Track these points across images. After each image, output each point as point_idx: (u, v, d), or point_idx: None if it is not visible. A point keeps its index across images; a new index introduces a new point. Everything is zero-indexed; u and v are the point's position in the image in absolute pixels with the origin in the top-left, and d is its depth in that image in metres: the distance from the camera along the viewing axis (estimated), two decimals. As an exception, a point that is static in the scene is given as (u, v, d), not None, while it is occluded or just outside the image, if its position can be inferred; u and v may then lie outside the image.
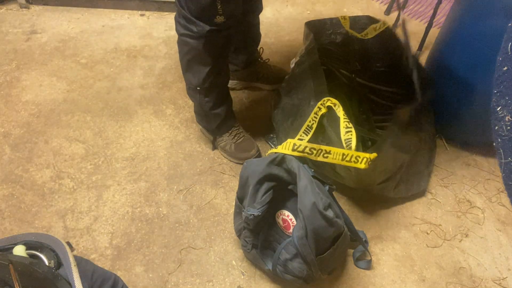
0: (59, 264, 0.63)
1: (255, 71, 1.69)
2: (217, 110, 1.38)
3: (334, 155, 1.09)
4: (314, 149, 1.11)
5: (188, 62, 1.24)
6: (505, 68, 0.49)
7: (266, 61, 1.71)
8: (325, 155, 1.11)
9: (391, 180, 1.28)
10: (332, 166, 1.19)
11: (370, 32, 1.43)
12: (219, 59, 1.24)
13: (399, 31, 1.35)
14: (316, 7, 2.15)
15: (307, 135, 1.18)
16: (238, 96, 1.70)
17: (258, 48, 1.68)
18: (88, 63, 1.80)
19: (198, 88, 1.29)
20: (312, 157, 1.12)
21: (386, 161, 1.20)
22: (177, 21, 1.17)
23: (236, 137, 1.46)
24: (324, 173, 1.26)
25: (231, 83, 1.66)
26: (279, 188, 1.05)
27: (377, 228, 1.31)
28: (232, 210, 1.31)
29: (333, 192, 1.12)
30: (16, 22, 2.00)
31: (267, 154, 1.13)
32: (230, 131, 1.46)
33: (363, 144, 1.37)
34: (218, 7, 1.08)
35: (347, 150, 1.06)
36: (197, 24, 1.12)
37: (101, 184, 1.37)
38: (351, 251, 1.25)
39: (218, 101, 1.36)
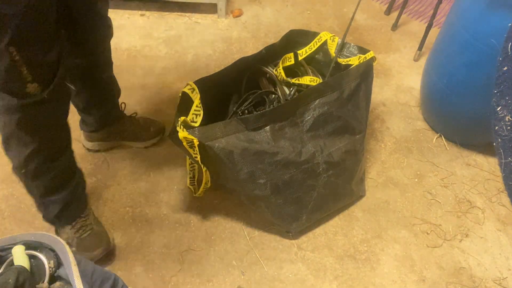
0: (59, 264, 0.63)
1: (118, 130, 1.40)
2: (52, 197, 1.06)
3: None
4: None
5: (6, 139, 0.95)
6: (505, 68, 0.49)
7: (134, 115, 1.45)
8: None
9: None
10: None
11: (353, 61, 1.28)
12: (47, 138, 0.96)
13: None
14: (316, 7, 2.15)
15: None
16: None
17: (120, 103, 1.40)
18: (88, 63, 1.80)
19: (22, 171, 1.00)
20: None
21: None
22: None
23: (80, 231, 1.14)
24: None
25: (93, 145, 1.41)
26: None
27: (377, 228, 1.31)
28: (233, 211, 1.31)
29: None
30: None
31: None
32: (73, 223, 1.14)
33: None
34: (24, 72, 0.80)
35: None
36: (2, 98, 0.85)
37: (101, 184, 1.37)
38: (351, 250, 1.25)
39: (52, 187, 1.05)
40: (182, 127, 1.00)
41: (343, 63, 1.30)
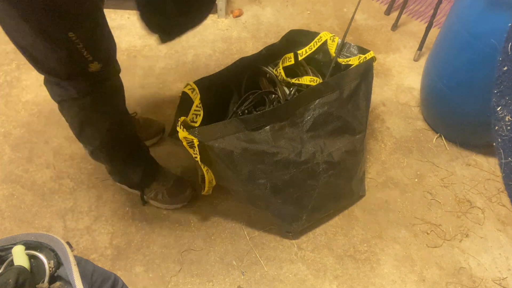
0: (59, 264, 0.63)
1: None
2: (134, 163, 1.21)
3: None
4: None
5: (80, 125, 1.04)
6: (505, 68, 0.49)
7: (134, 115, 1.46)
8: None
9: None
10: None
11: (353, 61, 1.29)
12: (116, 113, 1.07)
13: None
14: (316, 7, 2.15)
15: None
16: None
17: None
18: (88, 63, 1.79)
19: (103, 149, 1.12)
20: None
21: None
22: (48, 88, 0.97)
23: (165, 182, 1.28)
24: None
25: None
26: None
27: (377, 228, 1.31)
28: (233, 211, 1.31)
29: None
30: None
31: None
32: (156, 178, 1.28)
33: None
34: (85, 53, 0.85)
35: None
36: (70, 85, 0.92)
37: (101, 184, 1.37)
38: (351, 250, 1.25)
39: (131, 154, 1.19)
40: (182, 127, 1.00)
41: (343, 63, 1.30)
